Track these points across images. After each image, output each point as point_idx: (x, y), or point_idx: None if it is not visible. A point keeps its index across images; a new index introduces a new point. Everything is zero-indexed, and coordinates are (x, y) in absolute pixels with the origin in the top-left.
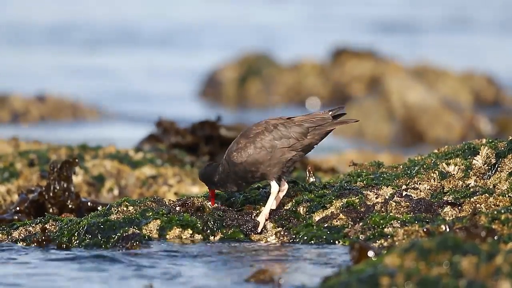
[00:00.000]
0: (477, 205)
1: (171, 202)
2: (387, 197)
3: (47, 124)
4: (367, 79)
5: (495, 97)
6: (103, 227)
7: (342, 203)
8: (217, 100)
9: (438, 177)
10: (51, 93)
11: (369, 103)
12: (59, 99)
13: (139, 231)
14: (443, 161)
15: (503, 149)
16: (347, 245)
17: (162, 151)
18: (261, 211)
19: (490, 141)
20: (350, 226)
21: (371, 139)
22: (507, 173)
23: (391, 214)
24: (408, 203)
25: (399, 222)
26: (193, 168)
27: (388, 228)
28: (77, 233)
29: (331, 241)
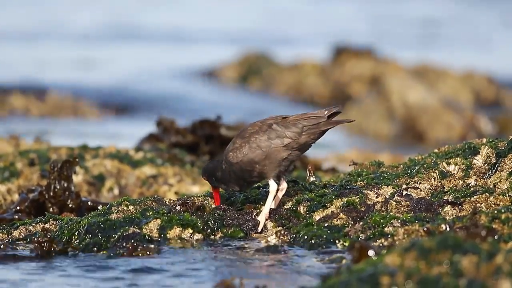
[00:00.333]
0: (478, 205)
1: (172, 201)
2: (388, 197)
3: None
4: (367, 78)
5: (496, 97)
6: (103, 226)
7: (342, 203)
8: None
9: (438, 177)
10: None
11: (369, 103)
12: None
13: (139, 231)
14: (444, 161)
15: (503, 148)
16: (346, 245)
17: (162, 150)
18: (261, 210)
19: (490, 140)
20: (350, 225)
21: (372, 138)
22: (508, 172)
23: (391, 213)
24: (408, 203)
25: (400, 221)
26: (193, 167)
27: (388, 227)
28: (77, 232)
29: (331, 241)
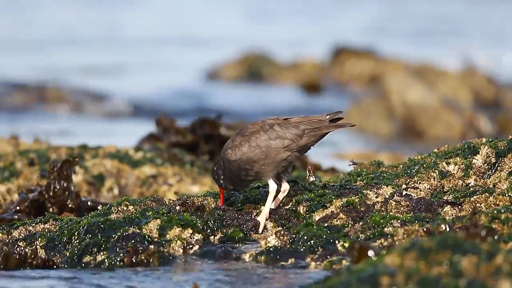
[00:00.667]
0: (477, 205)
1: (171, 201)
2: (387, 197)
3: None
4: (367, 78)
5: (495, 97)
6: (103, 226)
7: (342, 203)
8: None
9: (438, 177)
10: None
11: (369, 102)
12: None
13: (139, 231)
14: (443, 161)
15: (503, 148)
16: (346, 245)
17: (162, 150)
18: (261, 210)
19: (490, 140)
20: (350, 225)
21: (371, 138)
22: (507, 172)
23: (391, 213)
24: (408, 203)
25: (399, 221)
26: (193, 167)
27: (388, 227)
28: (77, 232)
29: (331, 241)
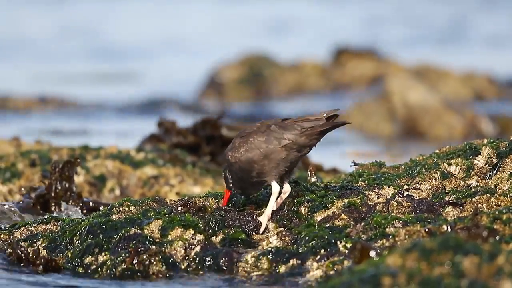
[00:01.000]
0: (479, 205)
1: (173, 202)
2: (389, 197)
3: None
4: (368, 79)
5: (496, 97)
6: (104, 227)
7: (343, 203)
8: (218, 100)
9: (439, 177)
10: None
11: (370, 103)
12: None
13: (140, 231)
14: (445, 161)
15: (504, 149)
16: (348, 246)
17: (163, 151)
18: (263, 211)
19: (491, 141)
20: (351, 226)
21: (373, 139)
22: (509, 173)
23: (392, 214)
24: (409, 203)
25: (401, 222)
26: (194, 168)
27: (389, 228)
28: (79, 233)
29: (333, 241)
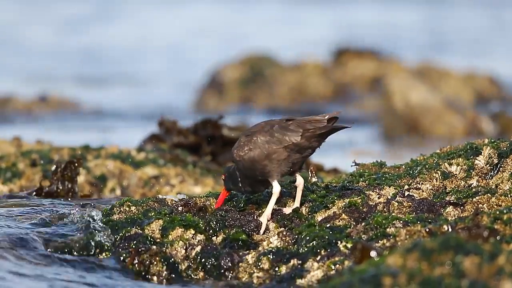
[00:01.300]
0: (479, 205)
1: (174, 202)
2: (390, 197)
3: None
4: (369, 79)
5: (498, 97)
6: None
7: (344, 203)
8: (220, 100)
9: (440, 177)
10: None
11: (372, 103)
12: None
13: (141, 231)
14: (445, 161)
15: (505, 149)
16: (349, 246)
17: (164, 151)
18: (263, 211)
19: (492, 141)
20: (352, 226)
21: (373, 139)
22: (510, 173)
23: (393, 214)
24: (410, 203)
25: (402, 222)
26: (195, 168)
27: (390, 228)
28: None
29: (334, 241)
